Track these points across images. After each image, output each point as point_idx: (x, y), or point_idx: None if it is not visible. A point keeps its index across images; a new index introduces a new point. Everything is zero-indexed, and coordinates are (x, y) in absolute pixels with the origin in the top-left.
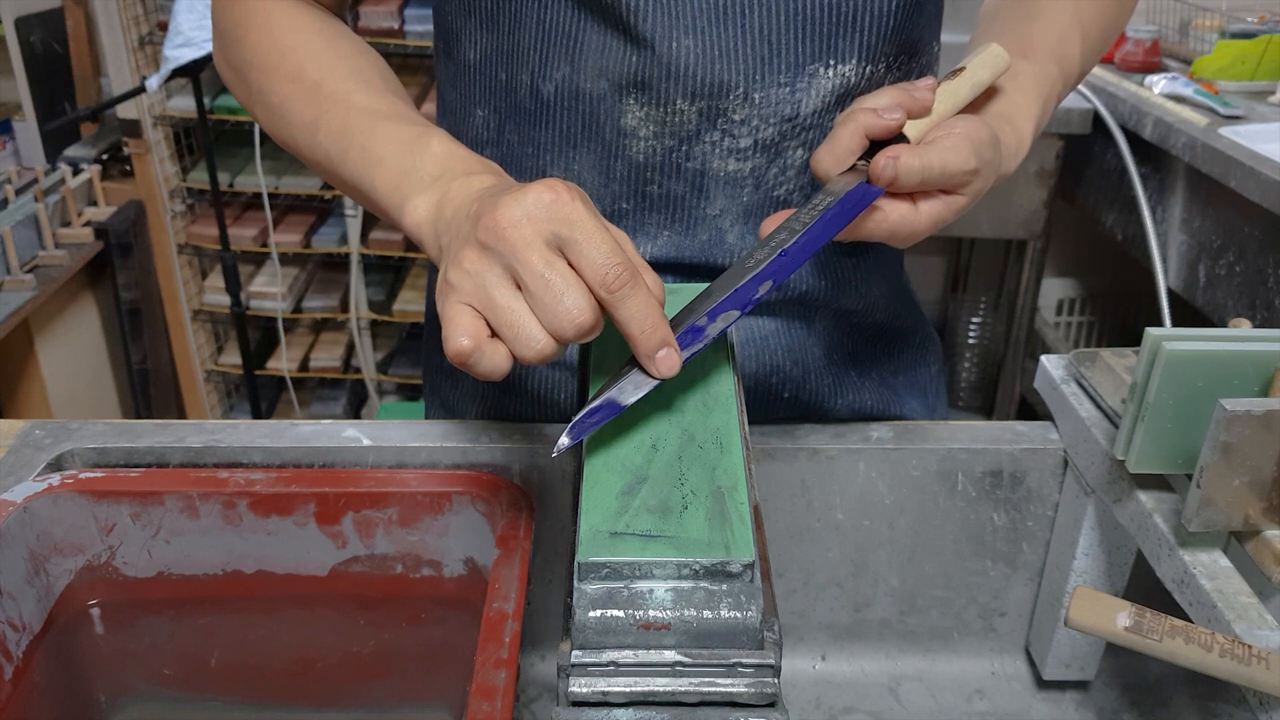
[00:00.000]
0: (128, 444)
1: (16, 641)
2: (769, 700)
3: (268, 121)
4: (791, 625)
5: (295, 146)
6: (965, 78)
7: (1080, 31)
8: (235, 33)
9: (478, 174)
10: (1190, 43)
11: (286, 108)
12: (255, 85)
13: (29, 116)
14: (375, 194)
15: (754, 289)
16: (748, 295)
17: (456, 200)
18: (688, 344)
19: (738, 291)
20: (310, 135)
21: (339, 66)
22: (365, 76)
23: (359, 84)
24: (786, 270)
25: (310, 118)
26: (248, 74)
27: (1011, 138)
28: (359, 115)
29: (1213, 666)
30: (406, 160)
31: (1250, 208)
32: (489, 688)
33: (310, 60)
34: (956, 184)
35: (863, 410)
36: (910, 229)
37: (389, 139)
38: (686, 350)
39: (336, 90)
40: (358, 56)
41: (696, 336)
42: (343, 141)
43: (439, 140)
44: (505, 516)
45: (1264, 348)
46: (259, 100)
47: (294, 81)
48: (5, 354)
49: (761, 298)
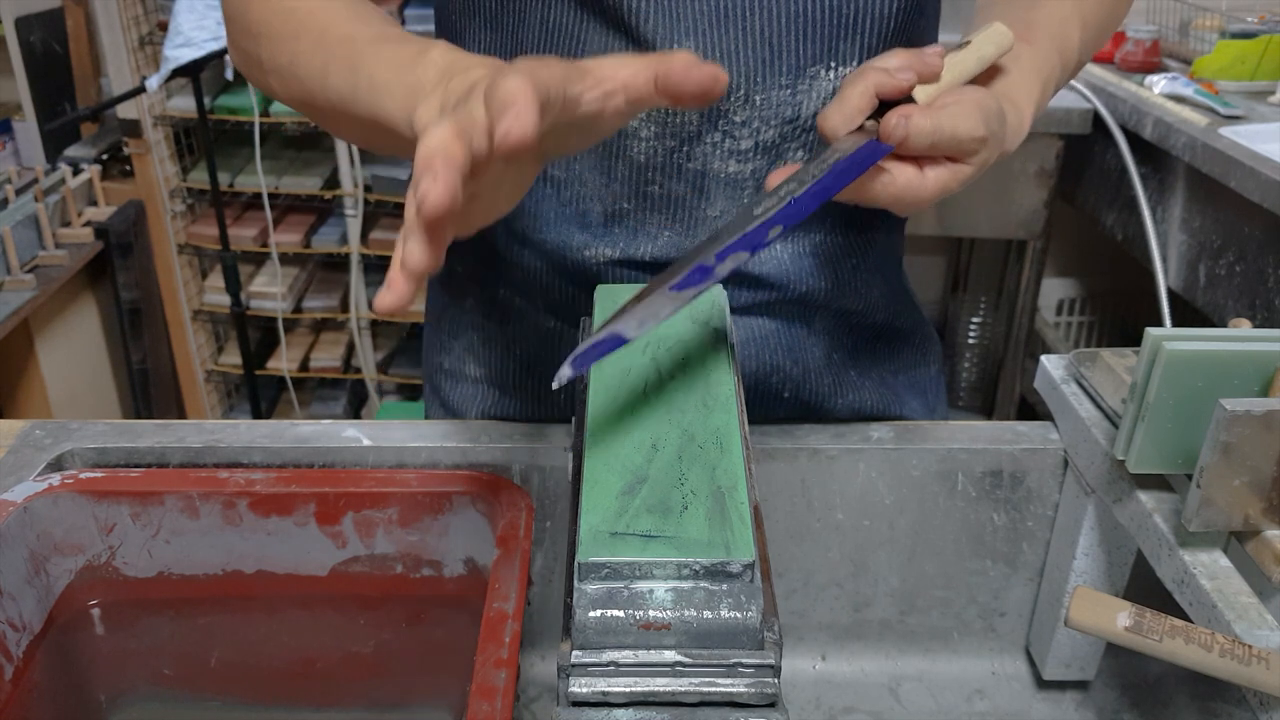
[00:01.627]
0: (128, 444)
1: (16, 641)
2: (769, 700)
3: (282, 86)
4: (791, 625)
5: (311, 97)
6: (971, 51)
7: (1080, 21)
8: (240, 9)
9: (475, 67)
10: (1190, 43)
11: (297, 63)
12: (265, 56)
13: (29, 116)
14: (390, 117)
15: (764, 233)
16: (758, 239)
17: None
18: (695, 282)
19: (748, 235)
20: (323, 81)
21: (339, 13)
22: (365, 16)
23: (359, 23)
24: (796, 217)
25: (320, 65)
26: (257, 49)
27: (1014, 116)
28: (363, 47)
29: (1213, 666)
30: (410, 76)
31: (1250, 208)
32: (489, 688)
33: (310, 16)
34: (965, 151)
35: (863, 410)
36: (915, 195)
37: (392, 63)
38: (694, 288)
39: (340, 33)
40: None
41: (705, 275)
42: (352, 79)
43: (439, 50)
44: (505, 516)
45: (1264, 348)
46: (271, 68)
47: (299, 37)
48: (5, 354)
49: (771, 241)
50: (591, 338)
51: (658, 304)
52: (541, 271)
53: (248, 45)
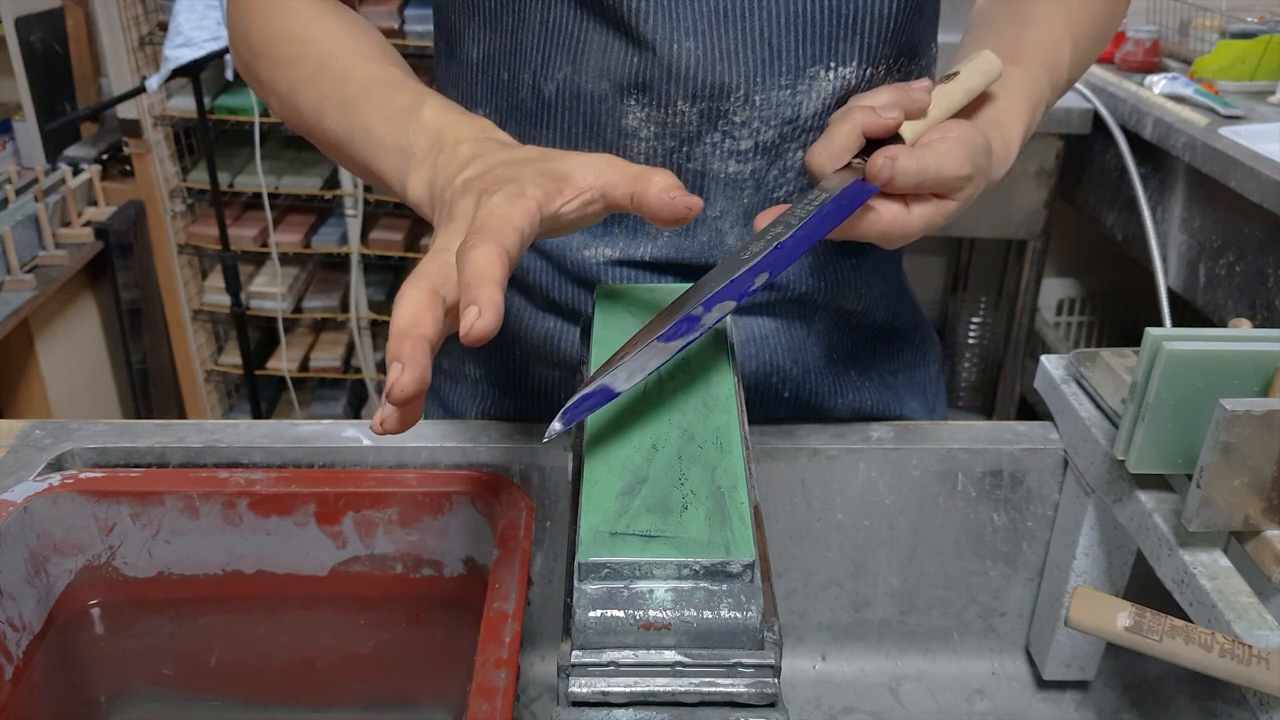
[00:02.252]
0: (128, 444)
1: (16, 641)
2: (769, 700)
3: (280, 109)
4: (791, 625)
5: (309, 130)
6: (959, 82)
7: (1071, 39)
8: (241, 26)
9: (464, 142)
10: (1190, 43)
11: (294, 93)
12: (264, 76)
13: (29, 116)
14: (384, 176)
15: (750, 280)
16: (744, 286)
17: (445, 174)
18: (682, 333)
19: (734, 282)
20: (319, 118)
21: (339, 45)
22: (364, 50)
23: (357, 58)
24: (783, 263)
25: (316, 99)
26: (256, 66)
27: (1001, 145)
28: (357, 89)
29: (1213, 666)
30: (401, 138)
31: (1250, 208)
32: (489, 688)
33: (310, 44)
34: (950, 189)
35: (863, 410)
36: (902, 230)
37: (384, 113)
38: (681, 339)
39: (336, 69)
40: (356, 33)
41: (692, 325)
42: (347, 122)
43: (429, 109)
44: (505, 516)
45: (1264, 348)
46: (270, 90)
47: (297, 66)
48: (5, 354)
49: (757, 289)
50: (581, 390)
51: (646, 356)
52: (541, 271)
53: (249, 59)
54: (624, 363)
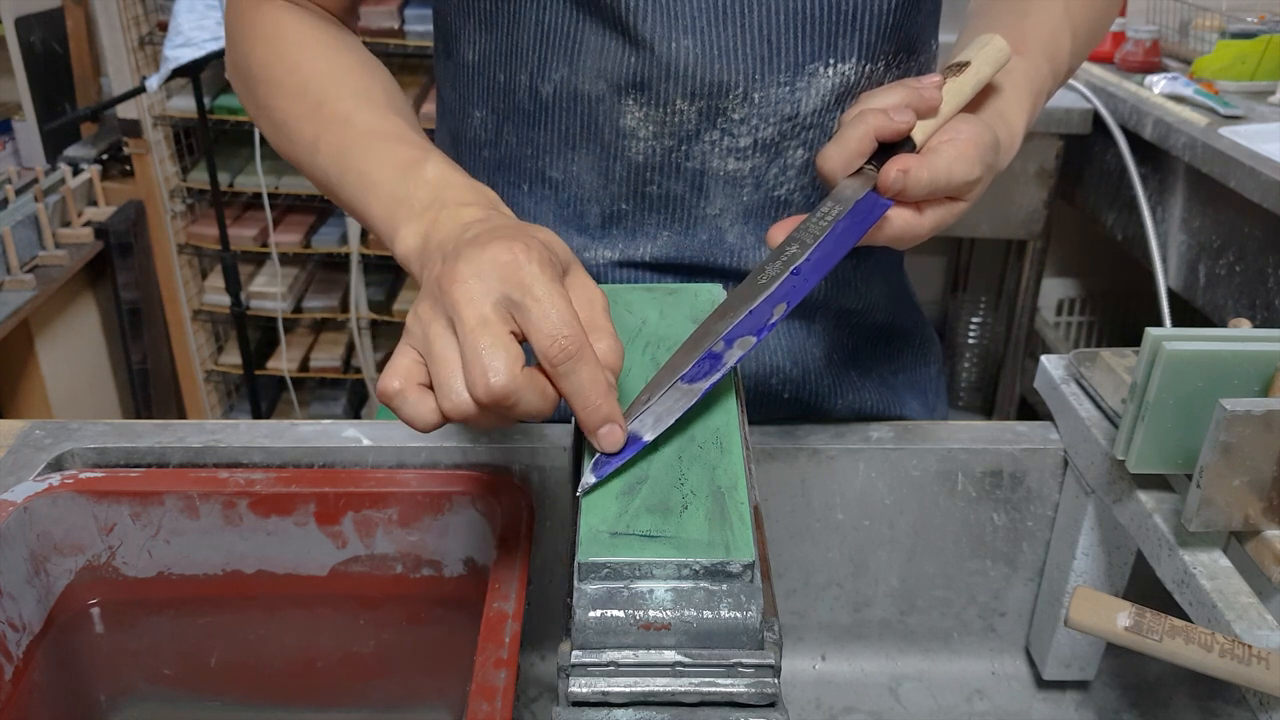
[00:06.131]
0: (128, 444)
1: (16, 641)
2: (769, 700)
3: (272, 136)
4: (791, 625)
5: (298, 162)
6: (970, 74)
7: (1070, 28)
8: (243, 45)
9: (468, 205)
10: (1190, 43)
11: (289, 125)
12: (261, 99)
13: (29, 116)
14: (371, 219)
15: (768, 311)
16: (763, 317)
17: (441, 233)
18: (705, 373)
19: (753, 313)
20: (311, 155)
21: (343, 84)
22: (369, 94)
23: (361, 102)
24: (800, 291)
25: (311, 136)
26: (254, 87)
27: (1006, 136)
28: (358, 136)
29: (1213, 666)
30: (400, 187)
31: (1250, 208)
32: (489, 688)
33: (314, 78)
34: (961, 191)
35: (863, 410)
36: (913, 234)
37: (385, 163)
38: (705, 379)
39: (338, 110)
40: (361, 72)
41: (715, 364)
42: (341, 163)
43: (433, 165)
44: (505, 516)
45: (1264, 348)
46: (264, 114)
47: (297, 98)
48: (5, 354)
49: (777, 321)
50: None
51: (672, 399)
52: None
53: (249, 82)
54: (650, 407)
